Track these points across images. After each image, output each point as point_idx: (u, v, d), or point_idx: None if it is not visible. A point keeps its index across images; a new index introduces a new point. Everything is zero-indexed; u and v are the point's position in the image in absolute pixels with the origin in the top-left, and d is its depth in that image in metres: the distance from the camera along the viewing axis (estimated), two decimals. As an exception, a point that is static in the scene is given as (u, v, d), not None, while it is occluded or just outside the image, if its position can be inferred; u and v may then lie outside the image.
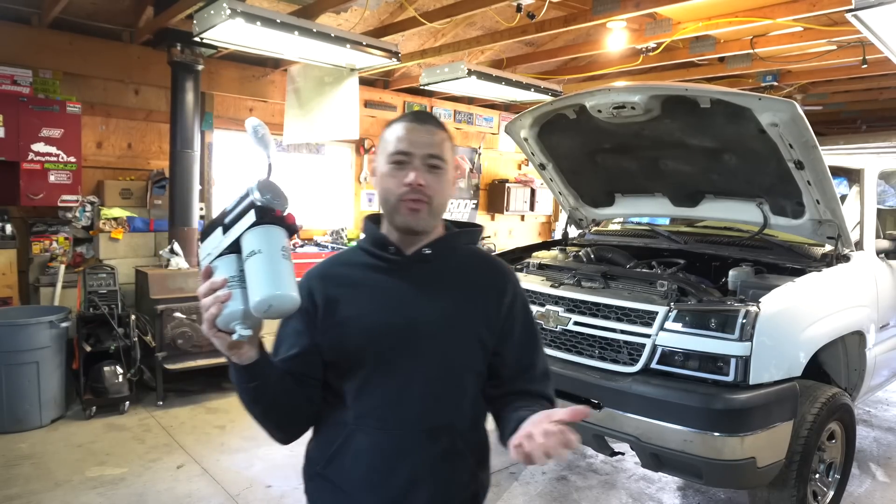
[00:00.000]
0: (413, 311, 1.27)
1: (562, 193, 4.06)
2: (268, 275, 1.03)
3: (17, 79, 4.47)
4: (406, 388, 1.25)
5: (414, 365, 1.25)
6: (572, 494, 3.34)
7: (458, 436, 1.29)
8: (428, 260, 1.29)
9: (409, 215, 1.24)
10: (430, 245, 1.30)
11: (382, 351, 1.25)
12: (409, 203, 1.23)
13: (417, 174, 1.23)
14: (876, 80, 6.43)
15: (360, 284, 1.29)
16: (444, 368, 1.27)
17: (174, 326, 4.48)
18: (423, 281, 1.29)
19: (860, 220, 3.40)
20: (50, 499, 3.13)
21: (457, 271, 1.33)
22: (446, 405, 1.28)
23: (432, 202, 1.25)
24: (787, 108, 2.61)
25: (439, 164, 1.26)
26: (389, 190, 1.25)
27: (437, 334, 1.27)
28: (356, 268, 1.32)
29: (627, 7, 4.03)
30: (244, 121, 5.50)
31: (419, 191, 1.23)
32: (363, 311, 1.26)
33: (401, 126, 1.27)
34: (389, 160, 1.26)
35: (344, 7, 4.65)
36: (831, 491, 3.02)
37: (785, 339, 2.65)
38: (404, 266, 1.29)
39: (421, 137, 1.25)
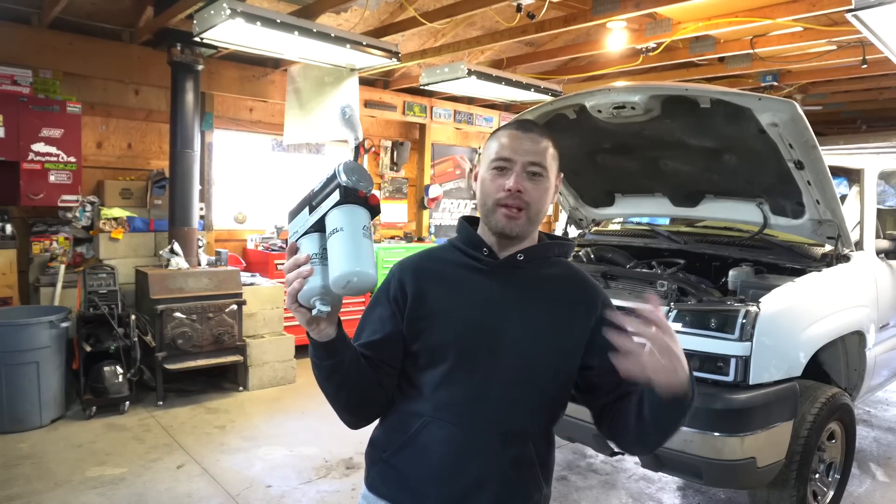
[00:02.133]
0: (500, 314, 1.27)
1: (562, 193, 4.06)
2: (349, 252, 1.06)
3: (17, 79, 4.47)
4: (485, 389, 1.25)
5: (495, 366, 1.26)
6: (572, 494, 3.34)
7: (531, 444, 1.29)
8: (520, 266, 1.31)
9: (505, 220, 1.26)
10: (523, 251, 1.30)
11: (466, 348, 1.26)
12: (505, 209, 1.25)
13: (517, 179, 1.24)
14: (876, 80, 6.43)
15: (451, 280, 1.31)
16: (525, 374, 1.27)
17: (174, 326, 4.48)
18: (513, 286, 1.30)
19: (860, 220, 3.40)
20: (50, 499, 3.14)
21: (547, 281, 1.33)
22: (523, 412, 1.28)
23: (530, 209, 1.26)
24: (787, 108, 2.61)
25: (540, 171, 1.27)
26: (488, 194, 1.27)
27: (521, 339, 1.27)
28: (448, 264, 1.34)
29: (627, 7, 4.03)
30: (244, 121, 5.54)
31: (517, 196, 1.24)
32: (452, 306, 1.28)
33: (505, 133, 1.30)
34: (491, 166, 1.28)
35: (344, 7, 4.65)
36: (831, 491, 3.02)
37: (785, 339, 2.65)
38: (496, 269, 1.30)
39: (523, 145, 1.26)
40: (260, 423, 4.26)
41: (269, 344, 5.05)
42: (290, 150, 6.56)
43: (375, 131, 7.33)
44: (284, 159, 6.60)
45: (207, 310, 4.63)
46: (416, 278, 1.31)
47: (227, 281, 4.82)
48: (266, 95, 5.87)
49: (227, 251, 5.29)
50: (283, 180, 6.58)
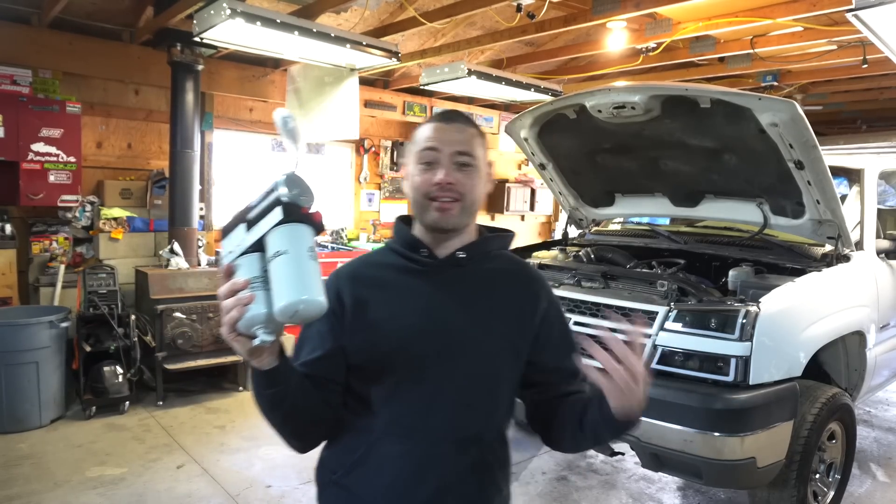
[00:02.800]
0: (446, 316, 1.22)
1: (562, 193, 4.06)
2: (294, 277, 0.98)
3: (16, 79, 4.47)
4: (437, 397, 1.20)
5: (446, 372, 1.20)
6: (572, 494, 3.34)
7: (487, 448, 1.25)
8: (461, 264, 1.26)
9: (439, 213, 1.21)
10: (463, 249, 1.26)
11: (414, 356, 1.20)
12: (439, 203, 1.21)
13: (446, 172, 1.21)
14: (876, 80, 6.43)
15: (391, 286, 1.25)
16: (476, 378, 1.23)
17: (174, 326, 4.47)
18: (455, 285, 1.25)
19: (860, 220, 3.40)
20: (50, 499, 3.13)
21: (490, 277, 1.29)
22: (477, 416, 1.24)
23: (464, 199, 1.22)
24: (787, 108, 2.61)
25: (469, 160, 1.23)
26: (418, 189, 1.23)
27: (469, 341, 1.22)
28: (387, 269, 1.27)
29: (627, 7, 4.03)
30: (244, 121, 5.51)
31: (449, 188, 1.20)
32: (394, 314, 1.22)
33: (429, 126, 1.26)
34: (418, 160, 1.24)
35: (344, 7, 4.65)
36: (831, 491, 3.02)
37: (785, 339, 2.65)
38: (437, 269, 1.25)
39: (449, 135, 1.23)
40: (260, 423, 4.23)
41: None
42: (290, 150, 6.55)
43: (375, 131, 7.33)
44: (284, 159, 6.59)
45: (207, 310, 4.63)
46: (354, 287, 1.25)
47: (227, 281, 4.81)
48: (266, 95, 5.87)
49: (227, 251, 5.28)
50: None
